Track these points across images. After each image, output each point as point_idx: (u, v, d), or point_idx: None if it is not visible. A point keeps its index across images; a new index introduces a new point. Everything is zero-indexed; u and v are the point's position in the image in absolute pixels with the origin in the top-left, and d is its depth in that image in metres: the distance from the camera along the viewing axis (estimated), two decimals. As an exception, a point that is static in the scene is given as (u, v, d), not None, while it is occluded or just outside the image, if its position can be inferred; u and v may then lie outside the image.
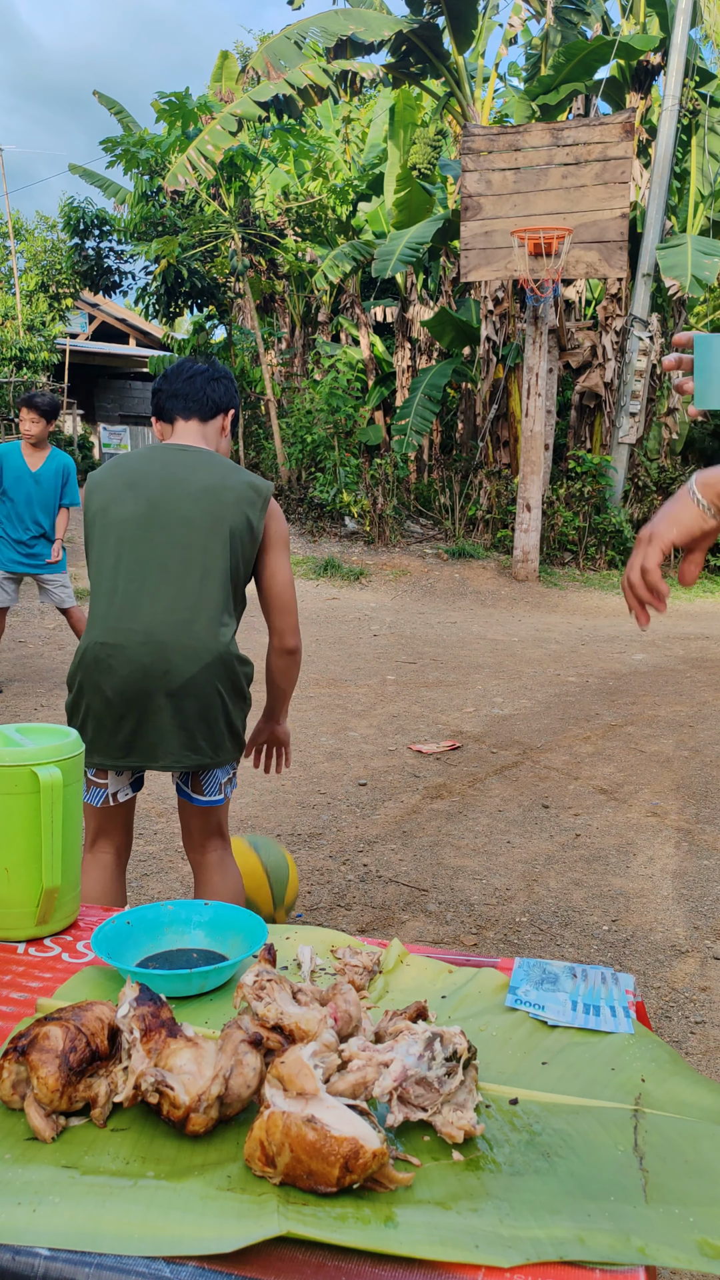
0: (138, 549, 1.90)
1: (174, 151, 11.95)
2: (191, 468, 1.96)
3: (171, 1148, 0.84)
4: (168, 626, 1.87)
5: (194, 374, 2.07)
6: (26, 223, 21.14)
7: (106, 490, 1.95)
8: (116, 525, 1.91)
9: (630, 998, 1.10)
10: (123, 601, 1.88)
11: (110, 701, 1.88)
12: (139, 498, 1.92)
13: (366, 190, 15.39)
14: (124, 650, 1.86)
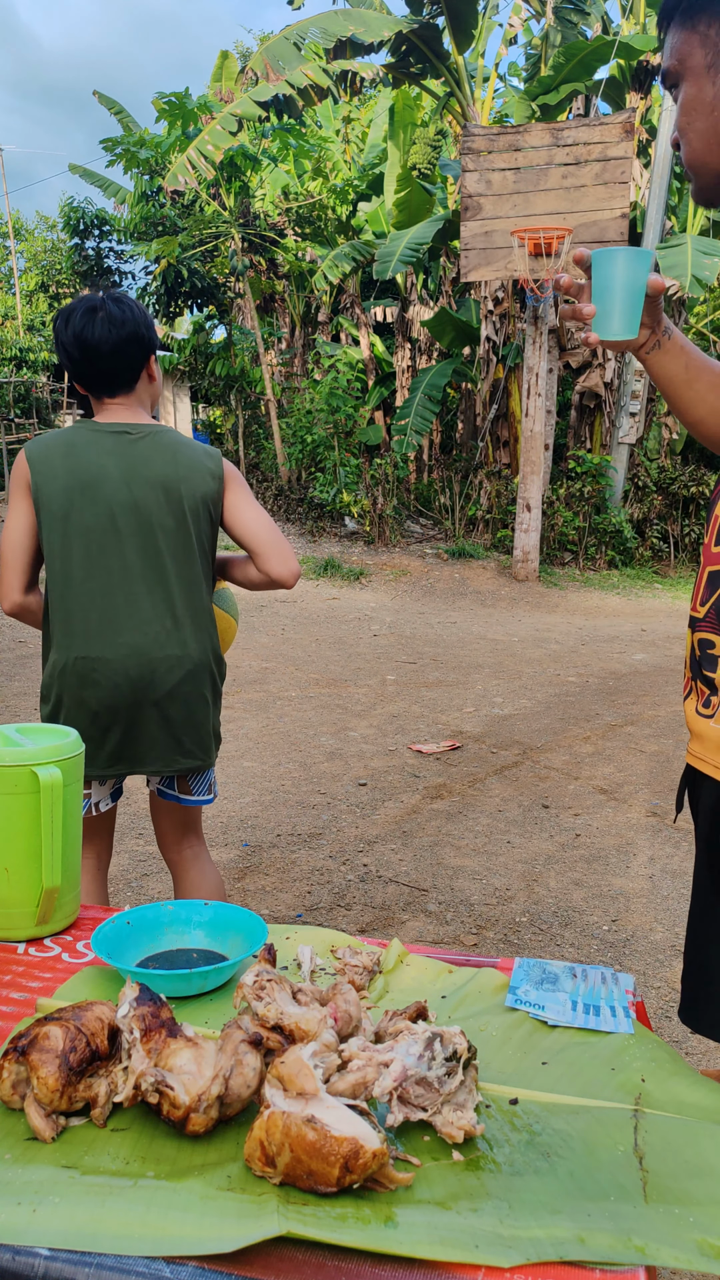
0: (108, 559, 1.83)
1: (174, 151, 11.95)
2: (145, 459, 1.85)
3: (171, 1148, 0.84)
4: (151, 637, 1.84)
5: (108, 345, 1.83)
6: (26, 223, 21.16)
7: (60, 494, 1.82)
8: (81, 536, 1.82)
9: (630, 998, 1.10)
10: (100, 616, 1.83)
11: (96, 714, 1.85)
12: (99, 504, 1.82)
13: (366, 190, 15.40)
14: (109, 663, 1.83)
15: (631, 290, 1.08)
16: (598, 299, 1.09)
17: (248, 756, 4.74)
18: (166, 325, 15.69)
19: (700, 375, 1.20)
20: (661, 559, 12.86)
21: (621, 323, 1.09)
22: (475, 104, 12.61)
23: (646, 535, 12.82)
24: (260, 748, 4.90)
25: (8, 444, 14.59)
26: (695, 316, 14.74)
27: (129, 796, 4.10)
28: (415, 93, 13.62)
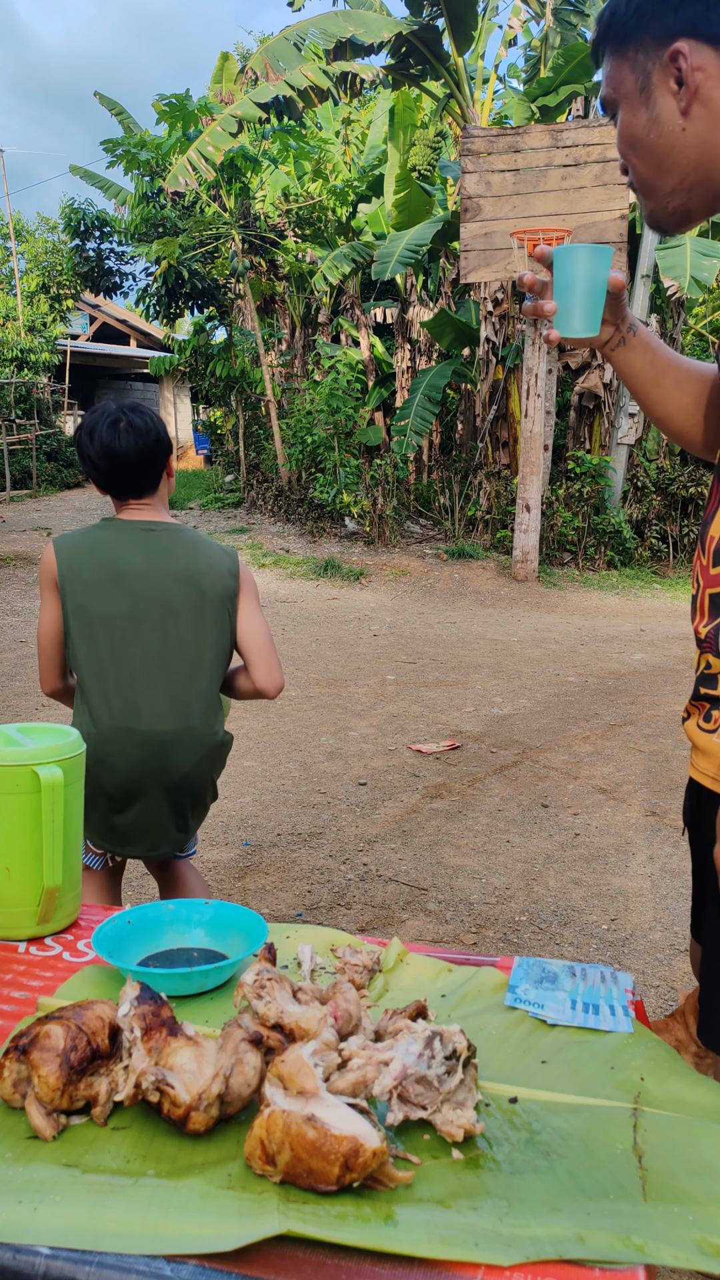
0: (128, 647, 1.89)
1: (174, 153, 11.96)
2: (167, 550, 1.94)
3: (172, 1146, 0.84)
4: (165, 724, 1.91)
5: (135, 456, 1.92)
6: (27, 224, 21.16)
7: (86, 585, 1.89)
8: (103, 623, 1.89)
9: (629, 996, 1.10)
10: (119, 701, 1.89)
11: (110, 796, 1.92)
12: (121, 592, 1.89)
13: (366, 191, 15.40)
14: (124, 750, 1.89)
15: (592, 287, 1.08)
16: (559, 296, 1.09)
17: (248, 756, 4.74)
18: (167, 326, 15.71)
19: (666, 372, 1.20)
20: (660, 559, 12.87)
21: (582, 320, 1.09)
22: (475, 105, 12.62)
23: (645, 536, 12.82)
24: (260, 747, 4.90)
25: (8, 444, 14.59)
26: (694, 318, 14.75)
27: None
28: (415, 94, 13.63)
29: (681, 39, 0.95)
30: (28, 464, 15.28)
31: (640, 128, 1.01)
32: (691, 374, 1.21)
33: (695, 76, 0.95)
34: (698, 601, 1.07)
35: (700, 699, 1.07)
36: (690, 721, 1.10)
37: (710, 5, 0.93)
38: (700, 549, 1.09)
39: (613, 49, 1.02)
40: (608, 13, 1.02)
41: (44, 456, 16.13)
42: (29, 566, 9.85)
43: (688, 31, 0.95)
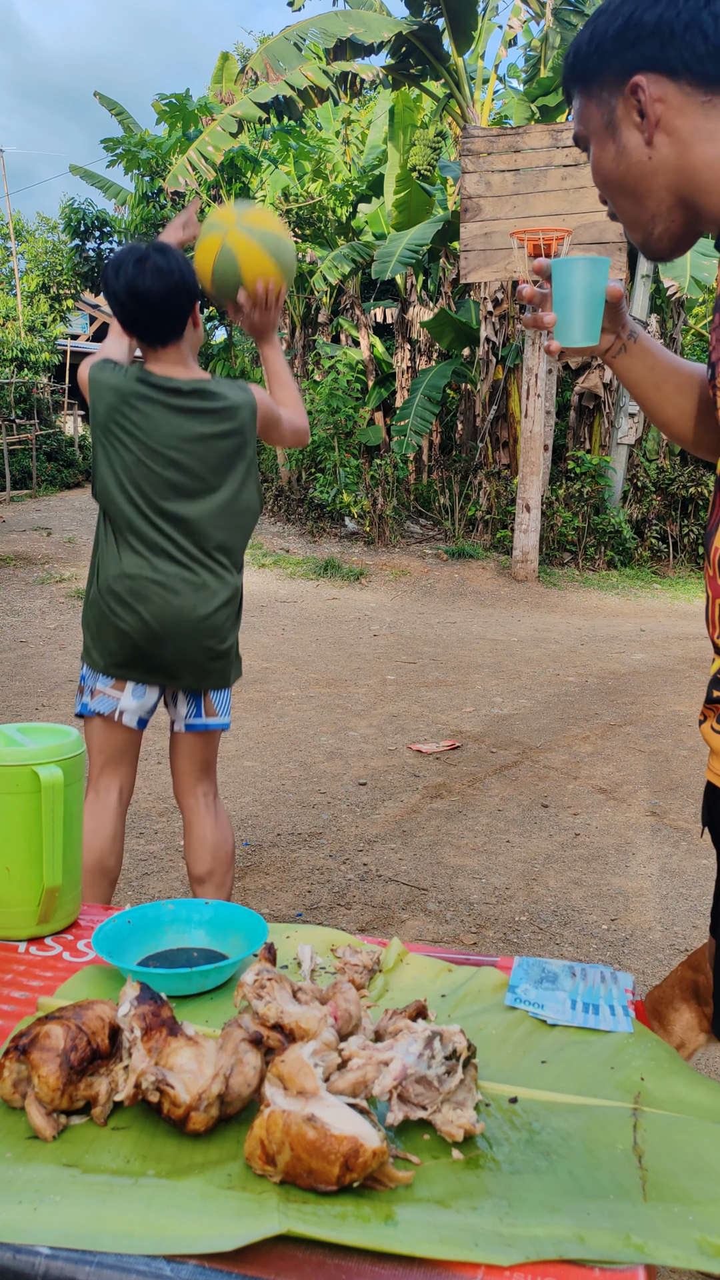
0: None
1: (174, 153, 11.96)
2: (194, 414, 2.04)
3: (172, 1146, 0.84)
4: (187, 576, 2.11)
5: (158, 294, 1.95)
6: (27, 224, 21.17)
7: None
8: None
9: (629, 996, 1.10)
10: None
11: (148, 625, 2.05)
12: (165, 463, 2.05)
13: (366, 191, 15.40)
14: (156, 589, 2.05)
15: (591, 298, 1.10)
16: (558, 308, 1.11)
17: (248, 756, 4.75)
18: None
19: (668, 377, 1.22)
20: (660, 559, 12.87)
21: (582, 330, 1.11)
22: (475, 105, 12.62)
23: (645, 535, 12.83)
24: (260, 747, 4.90)
25: (8, 444, 14.59)
26: (694, 318, 14.74)
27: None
28: (415, 94, 13.63)
29: (639, 73, 1.00)
30: (28, 464, 15.28)
31: (610, 162, 1.05)
32: (693, 379, 1.23)
33: (655, 108, 0.99)
34: (710, 613, 1.08)
35: (714, 702, 1.08)
36: (705, 725, 1.11)
37: (665, 40, 0.98)
38: (707, 560, 1.10)
39: (580, 87, 1.06)
40: (571, 52, 1.06)
41: (44, 456, 16.14)
42: (29, 566, 9.85)
43: (645, 66, 0.99)
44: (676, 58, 0.98)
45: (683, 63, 0.98)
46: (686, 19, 0.97)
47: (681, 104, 1.00)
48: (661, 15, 0.98)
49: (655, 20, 0.98)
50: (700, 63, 0.98)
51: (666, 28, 0.98)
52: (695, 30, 0.97)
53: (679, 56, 0.98)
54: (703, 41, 0.97)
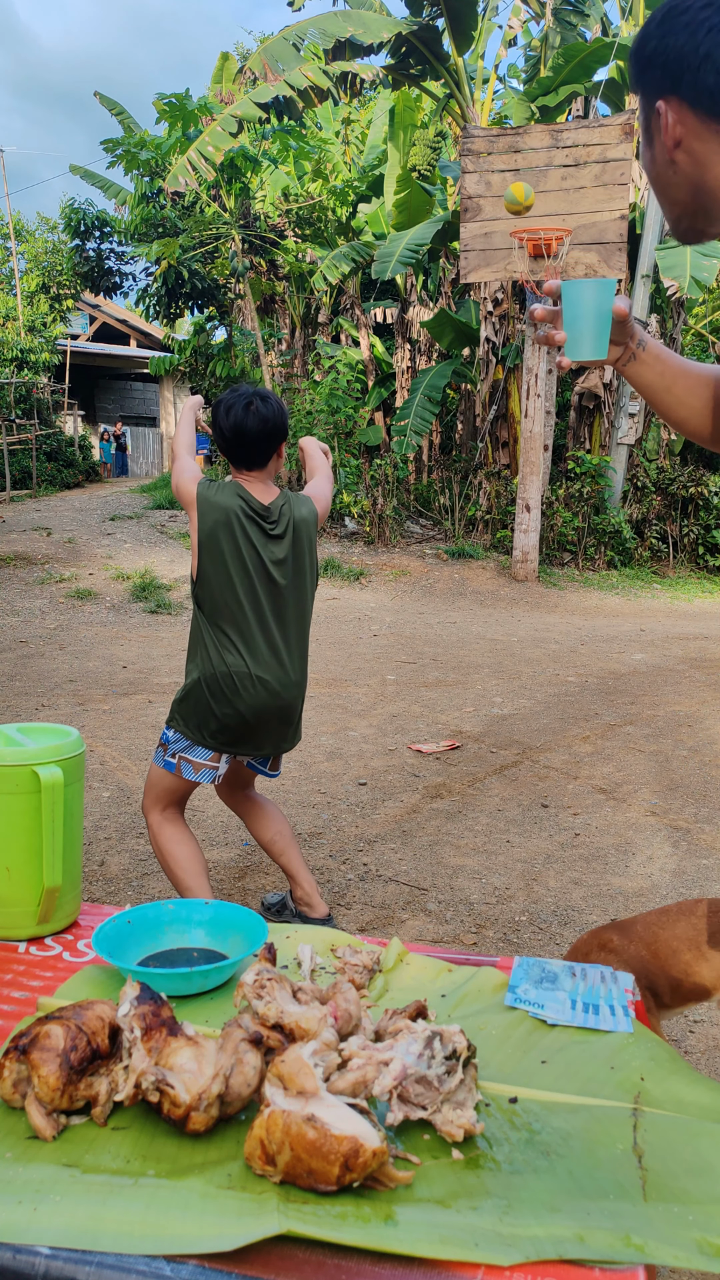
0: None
1: (174, 153, 11.95)
2: (279, 539, 2.48)
3: (172, 1146, 0.84)
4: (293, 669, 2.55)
5: (254, 435, 2.40)
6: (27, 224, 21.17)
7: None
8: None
9: (629, 996, 1.10)
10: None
11: (243, 717, 2.45)
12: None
13: (366, 191, 15.40)
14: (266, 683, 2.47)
15: (599, 316, 1.17)
16: (568, 326, 1.19)
17: (248, 757, 4.75)
18: (167, 326, 15.70)
19: (677, 380, 1.29)
20: (660, 559, 12.87)
21: (591, 346, 1.19)
22: (475, 105, 12.62)
23: (645, 535, 12.83)
24: (260, 748, 4.90)
25: (8, 444, 14.59)
26: (694, 318, 14.74)
27: (128, 796, 4.10)
28: (415, 94, 13.63)
29: (662, 97, 1.08)
30: (28, 464, 15.28)
31: (648, 161, 1.15)
32: (702, 379, 1.30)
33: (676, 130, 1.07)
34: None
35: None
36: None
37: (680, 70, 1.06)
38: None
39: (635, 89, 1.16)
40: (630, 60, 1.15)
41: (44, 456, 16.14)
42: (29, 566, 9.85)
43: (669, 90, 1.08)
44: (689, 88, 1.06)
45: (694, 94, 1.05)
46: (705, 51, 1.04)
47: (698, 129, 1.07)
48: (683, 46, 1.05)
49: (677, 50, 1.06)
50: (710, 97, 1.05)
51: (684, 59, 1.05)
52: (709, 65, 1.04)
53: (691, 88, 1.05)
54: (715, 76, 1.04)
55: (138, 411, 26.86)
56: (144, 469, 25.00)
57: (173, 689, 6.25)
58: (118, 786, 4.24)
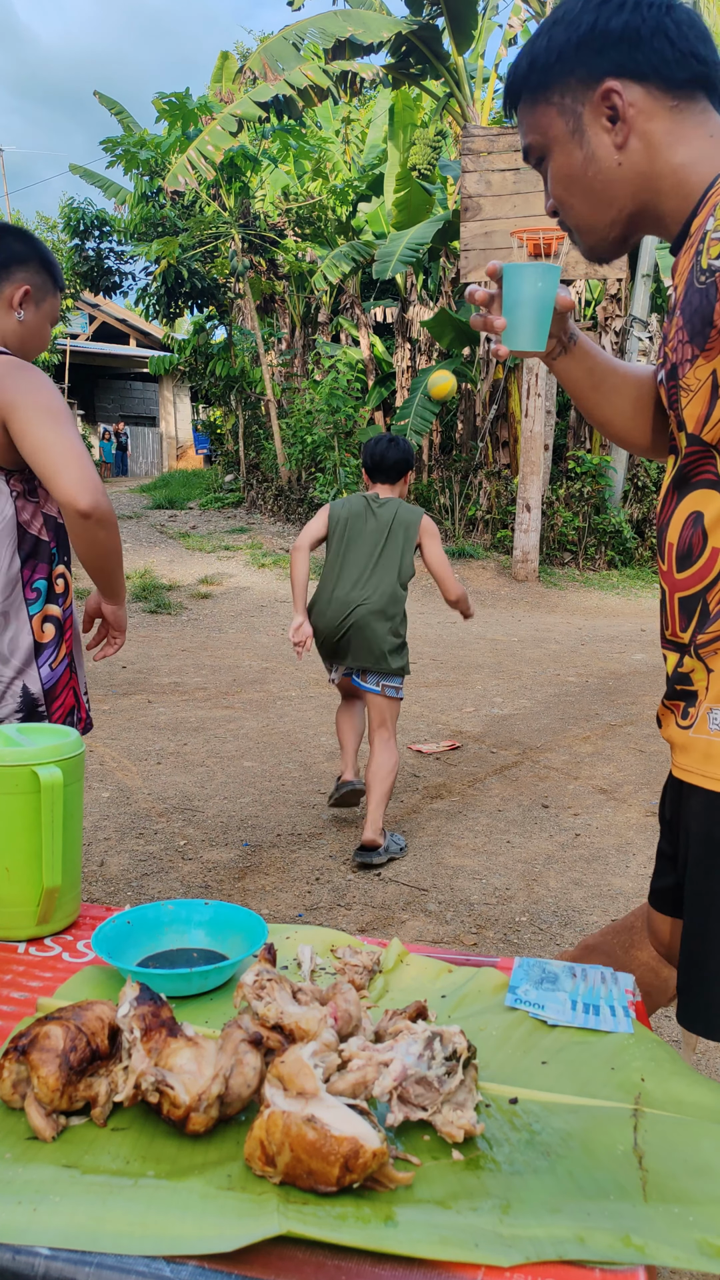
0: (354, 553, 3.60)
1: (174, 152, 11.95)
2: (387, 511, 3.59)
3: (172, 1147, 0.84)
4: (354, 594, 3.53)
5: (388, 464, 3.62)
6: (27, 223, 21.16)
7: (340, 520, 3.63)
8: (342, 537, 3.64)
9: (630, 997, 1.10)
10: (337, 580, 3.58)
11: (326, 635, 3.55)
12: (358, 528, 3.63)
13: (366, 191, 15.40)
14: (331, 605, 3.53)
15: (540, 305, 1.10)
16: (508, 312, 1.11)
17: (248, 756, 4.74)
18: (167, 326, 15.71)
19: (605, 377, 1.25)
20: (658, 563, 12.86)
21: (529, 337, 1.12)
22: (475, 105, 12.61)
23: (646, 535, 12.82)
24: (260, 748, 4.90)
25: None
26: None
27: (128, 796, 4.10)
28: (415, 93, 13.62)
29: (610, 78, 1.02)
30: (28, 464, 15.26)
31: (578, 167, 1.07)
32: (629, 378, 1.26)
33: (630, 111, 1.02)
34: (670, 607, 1.10)
35: (678, 697, 1.10)
36: (668, 719, 1.12)
37: (634, 45, 1.01)
38: (662, 556, 1.12)
39: (533, 96, 1.08)
40: (525, 62, 1.08)
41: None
42: (29, 566, 9.85)
43: (614, 71, 1.02)
44: (645, 63, 1.01)
45: (651, 67, 1.01)
46: (652, 25, 1.00)
47: (650, 108, 1.02)
48: (627, 22, 1.00)
49: (621, 27, 1.00)
50: (669, 67, 1.00)
51: (633, 33, 1.00)
52: (661, 36, 1.00)
53: (648, 61, 1.01)
54: (669, 47, 1.00)
55: (137, 411, 26.86)
56: (144, 469, 25.00)
57: (172, 688, 6.25)
58: (118, 787, 4.24)
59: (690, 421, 1.02)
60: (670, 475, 1.11)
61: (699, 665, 1.06)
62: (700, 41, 1.02)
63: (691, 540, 1.04)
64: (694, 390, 1.00)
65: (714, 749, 1.04)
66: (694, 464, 1.04)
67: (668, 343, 1.07)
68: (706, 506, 1.02)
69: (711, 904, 1.05)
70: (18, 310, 1.86)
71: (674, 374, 1.04)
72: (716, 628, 1.02)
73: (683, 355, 1.01)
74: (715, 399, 0.98)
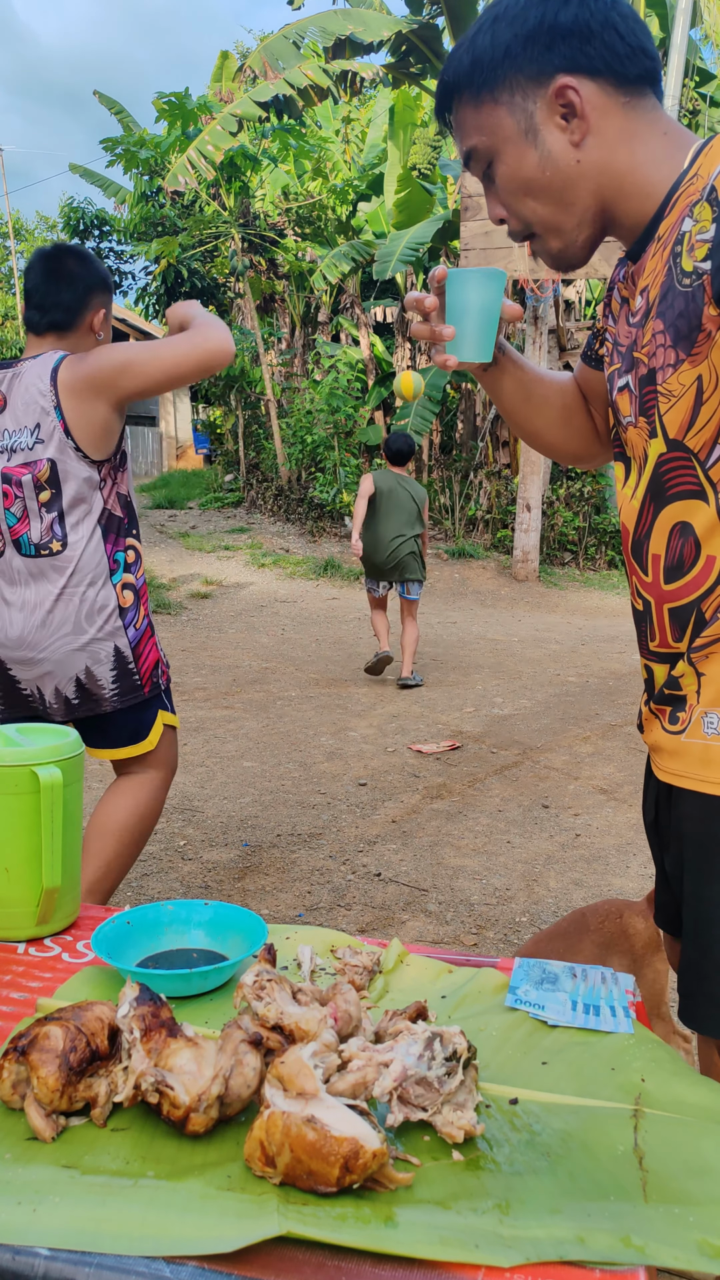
0: (390, 511, 6.29)
1: (174, 151, 11.95)
2: (406, 484, 6.31)
3: (171, 1147, 0.84)
4: (396, 535, 6.32)
5: (405, 452, 6.64)
6: (27, 223, 21.17)
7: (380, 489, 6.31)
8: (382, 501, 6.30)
9: (630, 997, 1.10)
10: (380, 528, 6.32)
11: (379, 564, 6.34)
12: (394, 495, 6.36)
13: (366, 190, 15.40)
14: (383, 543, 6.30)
15: (485, 313, 1.07)
16: (453, 320, 1.08)
17: (248, 756, 4.75)
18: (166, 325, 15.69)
19: (533, 388, 1.24)
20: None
21: (474, 346, 1.08)
22: (475, 104, 12.60)
23: (646, 535, 12.81)
24: (260, 748, 4.90)
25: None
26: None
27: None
28: (415, 93, 13.62)
29: (562, 74, 0.98)
30: (28, 463, 15.26)
31: (533, 169, 1.02)
32: (554, 387, 1.25)
33: (584, 108, 0.98)
34: (659, 620, 1.09)
35: (663, 702, 1.09)
36: (652, 725, 1.11)
37: (584, 39, 0.97)
38: (645, 569, 1.09)
39: (476, 95, 1.03)
40: (467, 60, 1.03)
41: (44, 456, 16.12)
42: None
43: (565, 67, 0.98)
44: (598, 57, 0.97)
45: (604, 63, 0.98)
46: (601, 19, 0.97)
47: (604, 105, 0.99)
48: (576, 16, 0.97)
49: (571, 21, 0.97)
50: (620, 62, 0.98)
51: (583, 27, 0.97)
52: (611, 30, 0.97)
53: (600, 56, 0.97)
54: (620, 41, 0.97)
55: (137, 411, 26.82)
56: (144, 468, 24.99)
57: (172, 688, 6.25)
58: (118, 786, 4.24)
59: (671, 427, 0.99)
60: (639, 484, 1.07)
61: (689, 670, 1.05)
62: (646, 37, 0.99)
63: (682, 552, 1.02)
64: (676, 395, 0.98)
65: (712, 754, 1.03)
66: (672, 472, 1.01)
67: (638, 348, 1.03)
68: (694, 516, 1.00)
69: (710, 906, 1.05)
70: (98, 334, 2.14)
71: (650, 379, 1.01)
72: (711, 632, 1.01)
73: (664, 360, 0.98)
74: (700, 404, 0.97)
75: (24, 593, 2.02)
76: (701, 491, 0.99)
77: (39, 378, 1.96)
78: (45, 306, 2.04)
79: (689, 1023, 1.09)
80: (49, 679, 2.05)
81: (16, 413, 1.98)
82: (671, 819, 1.12)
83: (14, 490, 1.99)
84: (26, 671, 2.05)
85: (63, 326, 2.06)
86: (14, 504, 2.00)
